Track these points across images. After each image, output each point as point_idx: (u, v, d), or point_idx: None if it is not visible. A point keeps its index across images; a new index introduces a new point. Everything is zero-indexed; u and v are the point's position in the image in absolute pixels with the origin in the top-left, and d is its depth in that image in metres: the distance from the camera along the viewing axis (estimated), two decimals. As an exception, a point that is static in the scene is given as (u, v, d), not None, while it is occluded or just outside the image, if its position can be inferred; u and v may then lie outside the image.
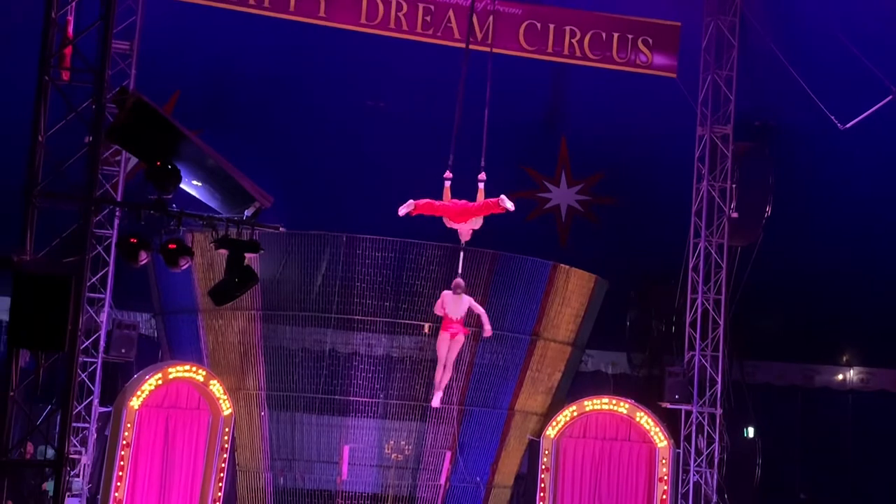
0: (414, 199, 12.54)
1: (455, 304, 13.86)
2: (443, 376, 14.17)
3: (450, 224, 13.03)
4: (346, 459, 19.17)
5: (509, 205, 12.46)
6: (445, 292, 14.10)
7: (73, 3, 12.27)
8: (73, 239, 10.11)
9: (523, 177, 23.27)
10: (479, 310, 14.08)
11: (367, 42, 19.61)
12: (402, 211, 12.53)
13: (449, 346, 14.07)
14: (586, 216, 23.63)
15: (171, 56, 19.54)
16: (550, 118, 23.34)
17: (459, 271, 13.97)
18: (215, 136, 17.67)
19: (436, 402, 14.64)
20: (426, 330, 19.49)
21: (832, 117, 17.99)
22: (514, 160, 22.53)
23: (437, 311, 14.23)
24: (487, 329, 14.18)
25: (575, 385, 21.48)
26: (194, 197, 10.48)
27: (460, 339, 14.06)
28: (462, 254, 13.51)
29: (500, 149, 14.35)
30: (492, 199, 12.61)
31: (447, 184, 13.06)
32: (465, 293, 13.93)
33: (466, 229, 12.99)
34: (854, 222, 20.67)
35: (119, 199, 17.28)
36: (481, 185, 12.79)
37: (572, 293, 20.66)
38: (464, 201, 12.88)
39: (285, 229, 10.58)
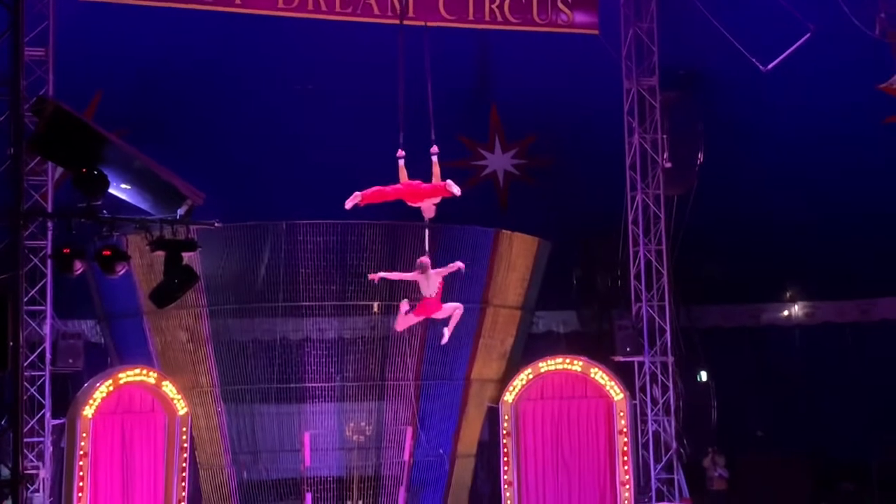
0: (359, 191, 12.29)
1: (425, 283, 13.59)
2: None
3: (410, 203, 12.87)
4: (308, 446, 19.15)
5: (456, 190, 12.38)
6: (416, 274, 13.53)
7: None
8: (5, 254, 9.95)
9: (458, 146, 23.27)
10: (453, 268, 13.53)
11: (289, 27, 19.44)
12: (349, 204, 12.21)
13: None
14: (523, 179, 23.71)
15: (90, 58, 19.18)
16: (479, 86, 23.33)
17: (426, 249, 13.65)
18: (142, 135, 17.50)
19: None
20: (375, 309, 19.49)
21: (753, 60, 18.19)
22: (449, 130, 22.49)
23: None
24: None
25: (528, 348, 21.64)
26: (125, 200, 10.35)
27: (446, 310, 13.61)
28: (427, 231, 13.33)
29: (432, 120, 14.29)
30: (439, 184, 12.49)
31: (401, 162, 12.82)
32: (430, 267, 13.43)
33: (428, 206, 12.80)
34: (784, 162, 20.95)
35: (49, 210, 16.99)
36: (434, 159, 12.66)
37: (517, 257, 20.77)
38: (416, 182, 12.68)
39: (221, 224, 10.48)
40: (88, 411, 17.40)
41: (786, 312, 23.70)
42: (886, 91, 18.96)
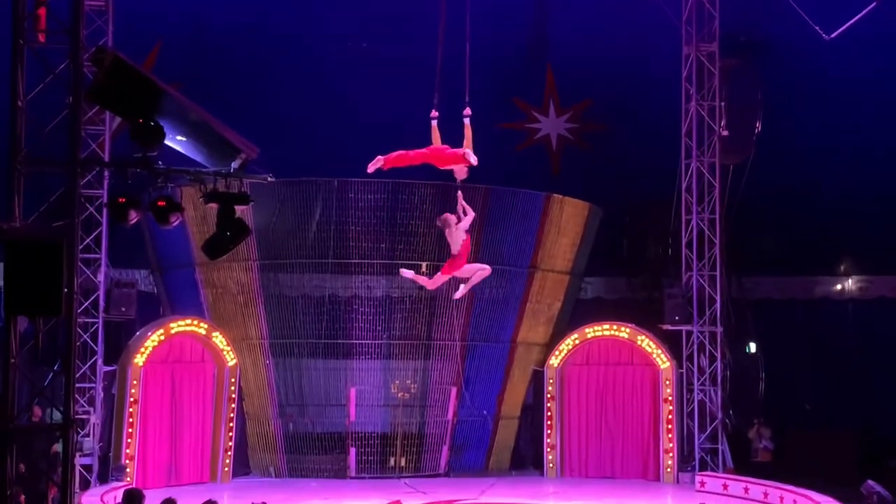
0: (382, 155, 12.15)
1: (450, 239, 13.44)
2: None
3: (439, 167, 12.76)
4: (354, 401, 19.35)
5: (473, 159, 12.16)
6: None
7: (43, -36, 12.09)
8: (62, 202, 10.07)
9: (512, 108, 23.17)
10: (469, 212, 13.34)
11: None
12: (372, 168, 12.05)
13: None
14: (577, 144, 23.57)
15: (149, 10, 19.32)
16: (536, 47, 23.17)
17: (462, 211, 13.51)
18: (198, 87, 17.60)
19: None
20: (423, 269, 19.51)
21: (817, 28, 17.80)
22: (502, 92, 22.41)
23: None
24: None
25: (575, 313, 21.61)
26: (180, 152, 10.43)
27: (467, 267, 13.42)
28: (460, 192, 13.23)
29: (487, 81, 14.24)
30: (459, 150, 12.30)
31: (434, 123, 12.59)
32: (455, 223, 13.25)
33: (459, 168, 12.66)
34: (844, 133, 20.60)
35: (106, 159, 17.18)
36: (467, 121, 12.47)
37: (567, 222, 20.69)
38: (440, 146, 12.51)
39: (274, 178, 10.51)
40: (140, 359, 17.69)
41: (839, 286, 23.37)
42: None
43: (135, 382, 17.60)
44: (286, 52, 20.94)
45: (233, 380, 18.85)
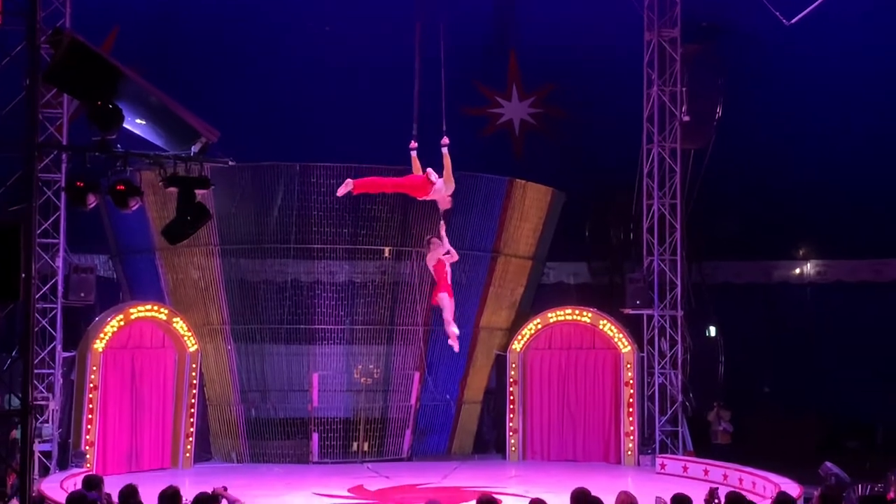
0: (352, 179, 12.07)
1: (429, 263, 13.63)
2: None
3: (418, 197, 12.86)
4: (316, 387, 19.32)
5: (434, 177, 12.33)
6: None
7: (-2, -56, 11.92)
8: (19, 186, 9.93)
9: (475, 94, 23.14)
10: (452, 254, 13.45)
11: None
12: (341, 192, 12.07)
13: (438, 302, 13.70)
14: (539, 129, 23.60)
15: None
16: (499, 32, 23.14)
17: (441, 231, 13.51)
18: (158, 70, 17.41)
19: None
20: (386, 254, 19.52)
21: (777, 13, 17.93)
22: (466, 77, 22.36)
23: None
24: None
25: (538, 298, 21.69)
26: (140, 136, 10.32)
27: (439, 295, 13.60)
28: (442, 223, 13.32)
29: (450, 67, 14.18)
30: (421, 175, 12.37)
31: (413, 154, 12.75)
32: (431, 247, 13.33)
33: (440, 198, 12.63)
34: (804, 119, 20.76)
35: (64, 143, 16.97)
36: (444, 150, 12.54)
37: (530, 207, 20.74)
38: (409, 176, 12.51)
39: (234, 163, 10.43)
40: (99, 345, 17.54)
41: (798, 270, 23.62)
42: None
43: (94, 368, 17.46)
44: (247, 35, 20.76)
45: (194, 365, 18.75)
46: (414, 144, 12.75)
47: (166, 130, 9.90)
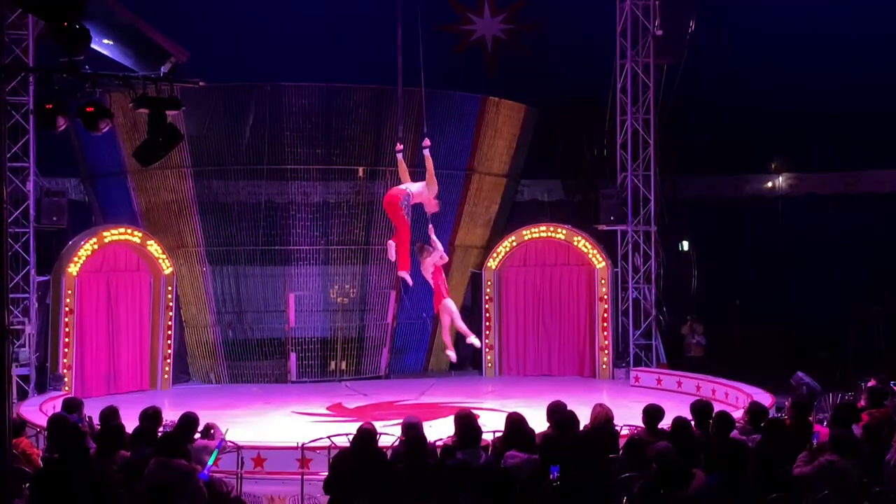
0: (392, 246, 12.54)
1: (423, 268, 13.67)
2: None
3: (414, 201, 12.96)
4: (293, 307, 19.38)
5: (403, 201, 12.61)
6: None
7: None
8: (-14, 109, 9.78)
9: (446, 9, 22.87)
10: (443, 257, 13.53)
11: None
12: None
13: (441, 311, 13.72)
14: (512, 45, 23.39)
15: None
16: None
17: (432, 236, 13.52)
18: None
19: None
20: (360, 174, 19.45)
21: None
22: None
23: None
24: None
25: (512, 216, 21.74)
26: (108, 56, 10.16)
27: (442, 303, 13.66)
28: (431, 226, 13.38)
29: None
30: (397, 196, 12.64)
31: (399, 156, 13.24)
32: (425, 254, 13.35)
33: (425, 200, 12.96)
34: (776, 33, 20.67)
35: (31, 64, 16.68)
36: (426, 152, 12.70)
37: (504, 125, 20.67)
38: (393, 214, 12.81)
39: (205, 83, 10.29)
40: (73, 269, 17.48)
41: (770, 184, 23.75)
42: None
43: (69, 292, 17.42)
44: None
45: (169, 288, 18.75)
46: (400, 147, 13.32)
47: (135, 50, 9.77)
